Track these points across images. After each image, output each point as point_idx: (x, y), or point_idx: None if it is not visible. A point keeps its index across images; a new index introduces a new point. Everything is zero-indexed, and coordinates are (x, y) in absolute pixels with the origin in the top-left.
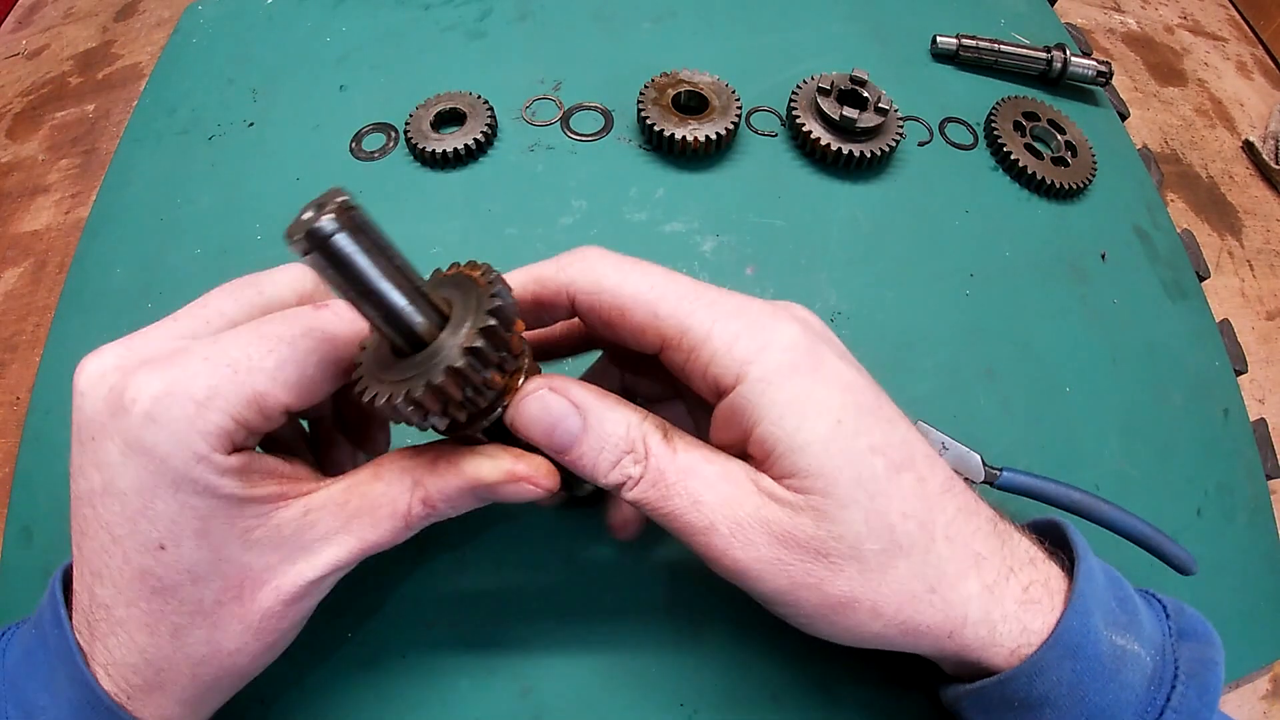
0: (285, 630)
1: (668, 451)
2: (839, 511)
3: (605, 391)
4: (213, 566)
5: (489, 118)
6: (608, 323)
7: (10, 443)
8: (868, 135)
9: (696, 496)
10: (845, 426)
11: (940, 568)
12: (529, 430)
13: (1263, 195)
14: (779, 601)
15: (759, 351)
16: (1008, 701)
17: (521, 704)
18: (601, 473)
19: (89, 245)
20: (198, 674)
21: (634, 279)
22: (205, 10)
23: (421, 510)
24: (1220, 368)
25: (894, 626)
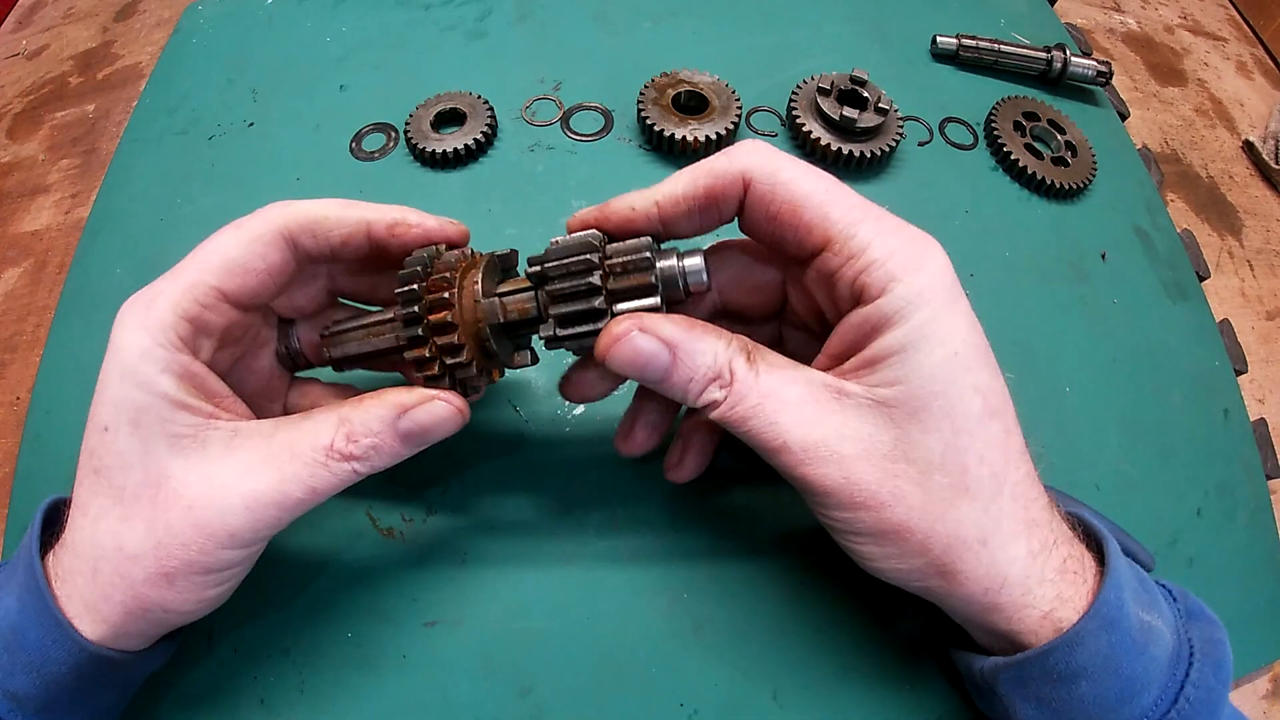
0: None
1: (750, 375)
2: (920, 435)
3: (694, 321)
4: (139, 457)
5: (489, 118)
6: (774, 216)
7: (10, 443)
8: (868, 135)
9: (773, 418)
10: (959, 359)
11: (998, 523)
12: (623, 370)
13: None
14: (837, 519)
15: (909, 271)
16: (1048, 673)
17: (521, 704)
18: (690, 399)
19: (89, 245)
20: (98, 570)
21: (810, 178)
22: (205, 10)
23: (344, 445)
24: (1220, 368)
25: (935, 567)
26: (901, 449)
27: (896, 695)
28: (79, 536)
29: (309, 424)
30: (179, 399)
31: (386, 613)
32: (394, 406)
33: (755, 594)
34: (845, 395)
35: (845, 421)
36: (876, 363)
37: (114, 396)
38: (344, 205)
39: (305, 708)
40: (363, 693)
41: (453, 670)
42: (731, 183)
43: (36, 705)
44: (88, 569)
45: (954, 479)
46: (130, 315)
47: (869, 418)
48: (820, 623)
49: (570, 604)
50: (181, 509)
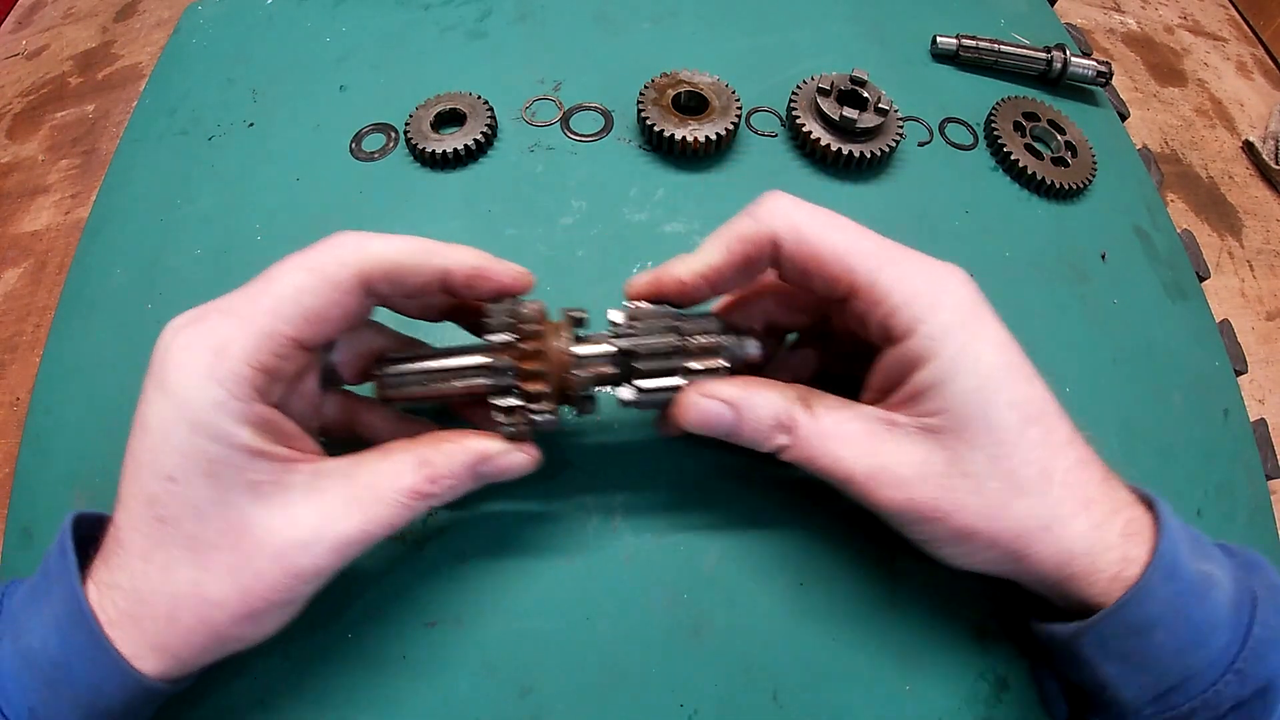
0: (271, 603)
1: (810, 419)
2: (967, 452)
3: (751, 380)
4: (216, 508)
5: (489, 118)
6: (803, 270)
7: (10, 443)
8: (868, 135)
9: (837, 454)
10: (990, 382)
11: (1055, 509)
12: (698, 429)
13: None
14: (911, 531)
15: (932, 310)
16: (1125, 628)
17: (521, 704)
18: (761, 445)
19: (89, 245)
20: (174, 614)
21: (831, 231)
22: (205, 10)
23: (426, 486)
24: (1220, 368)
25: (1009, 557)
26: (954, 466)
27: (896, 695)
28: (143, 584)
29: (389, 465)
30: (258, 448)
31: (386, 613)
32: (475, 453)
33: (755, 594)
34: (896, 425)
35: (900, 448)
36: (917, 396)
37: (182, 447)
38: (424, 252)
39: (305, 708)
40: (363, 693)
41: (453, 670)
42: (762, 246)
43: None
44: (161, 615)
45: (1005, 483)
46: (194, 360)
47: (920, 443)
48: (820, 623)
49: (570, 604)
50: (269, 556)
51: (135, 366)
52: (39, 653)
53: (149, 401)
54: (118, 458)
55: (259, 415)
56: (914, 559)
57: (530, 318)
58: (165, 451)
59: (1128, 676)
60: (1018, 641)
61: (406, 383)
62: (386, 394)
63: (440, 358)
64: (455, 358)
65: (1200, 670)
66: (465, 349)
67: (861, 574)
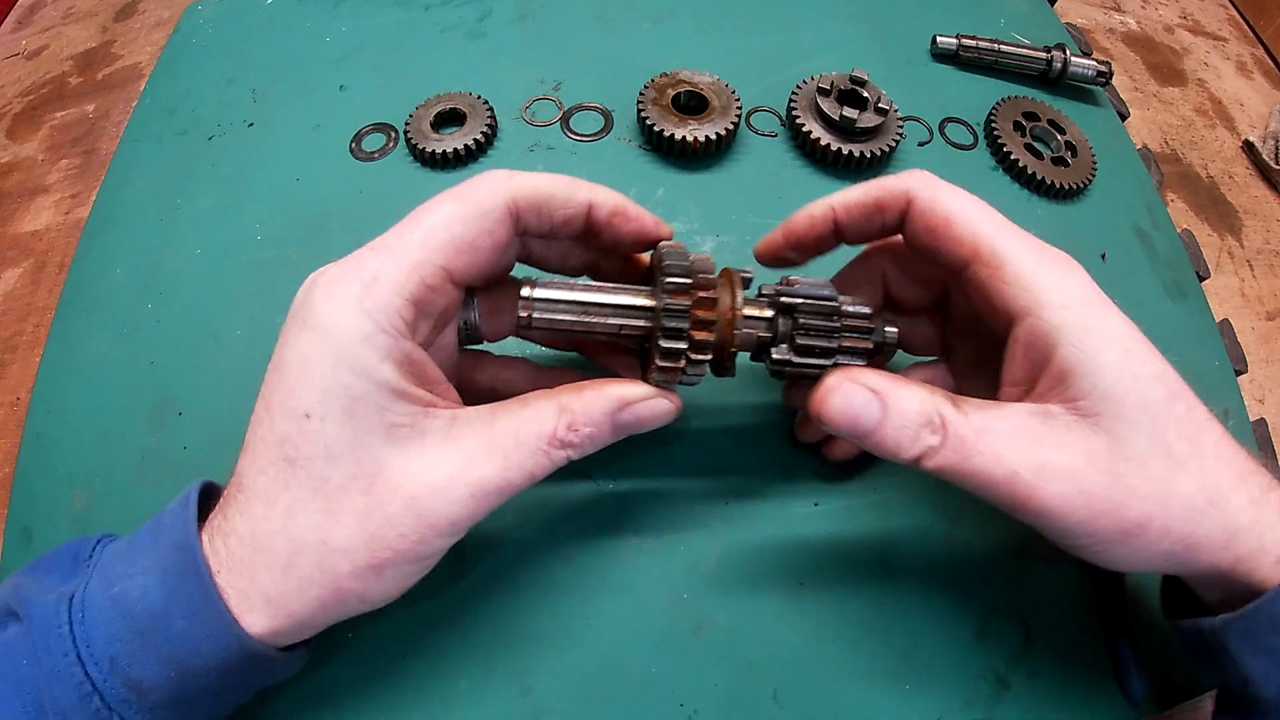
0: (400, 554)
1: (961, 417)
2: (1128, 433)
3: (895, 375)
4: (350, 449)
5: (489, 118)
6: (931, 229)
7: (10, 443)
8: (868, 135)
9: (996, 450)
10: (1133, 355)
11: (1215, 482)
12: (835, 421)
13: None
14: (1080, 533)
15: (1059, 282)
16: (1275, 621)
17: (521, 704)
18: (904, 449)
19: (89, 245)
20: (293, 563)
21: (963, 199)
22: (205, 10)
23: (566, 434)
24: (1220, 368)
25: (1180, 543)
26: (1117, 450)
27: (896, 695)
28: (263, 528)
29: (530, 411)
30: (401, 388)
31: (386, 613)
32: (616, 399)
33: (755, 594)
34: (1051, 416)
35: (1061, 439)
36: (1064, 380)
37: (323, 382)
38: (570, 184)
39: (305, 707)
40: (363, 692)
41: (452, 669)
42: (897, 196)
43: (160, 698)
44: (278, 563)
45: (1166, 461)
46: (343, 293)
47: (1079, 430)
48: (820, 623)
49: (570, 604)
50: (402, 501)
51: (135, 366)
52: (135, 600)
53: (288, 343)
54: (118, 457)
55: (405, 353)
56: (914, 559)
57: (707, 267)
58: (303, 388)
59: (1273, 671)
60: (1018, 641)
61: (558, 309)
62: (533, 317)
63: (589, 290)
64: (614, 294)
65: None
66: (622, 288)
67: (861, 574)
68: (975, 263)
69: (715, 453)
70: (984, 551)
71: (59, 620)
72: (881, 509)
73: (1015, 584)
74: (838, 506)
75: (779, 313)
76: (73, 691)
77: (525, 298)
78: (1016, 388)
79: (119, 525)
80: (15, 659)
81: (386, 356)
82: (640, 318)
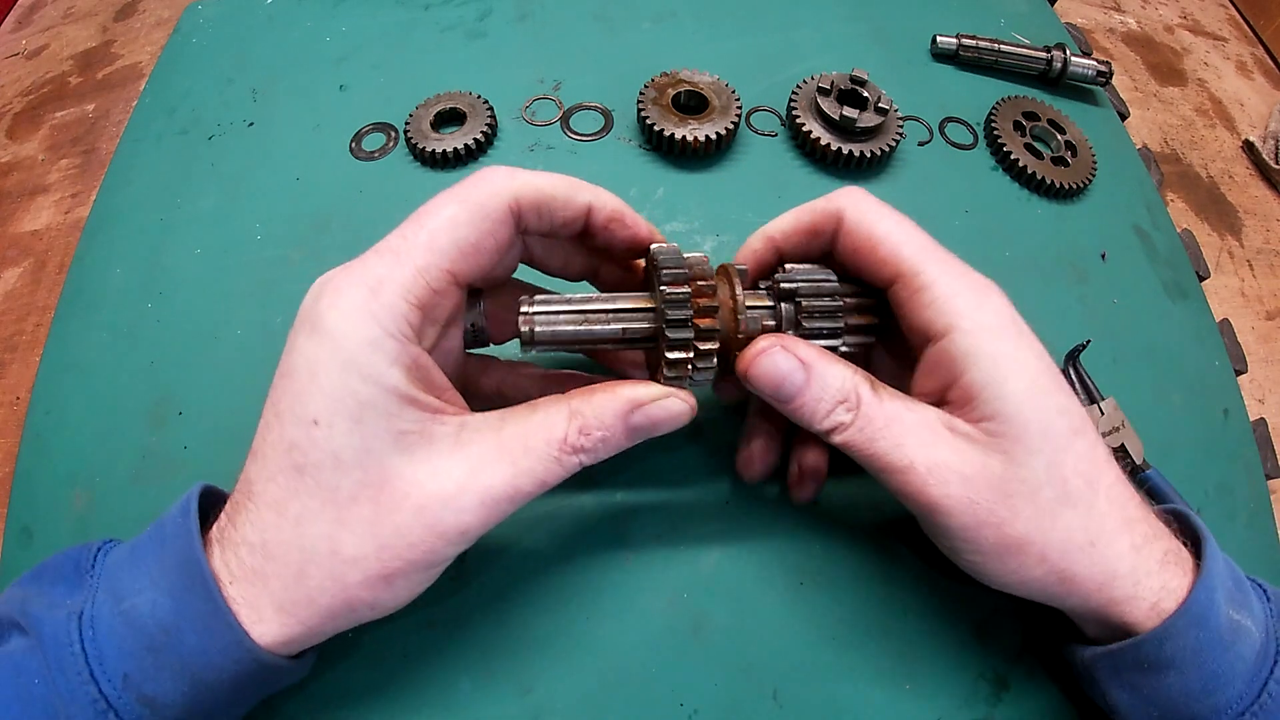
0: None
1: (875, 401)
2: (1026, 457)
3: (824, 350)
4: (359, 456)
5: (489, 118)
6: (857, 249)
7: (10, 443)
8: (868, 135)
9: (899, 440)
10: (1039, 386)
11: (1100, 524)
12: (760, 382)
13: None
14: (961, 538)
15: (974, 309)
16: (1139, 663)
17: (521, 704)
18: (818, 419)
19: (89, 245)
20: (304, 572)
21: (889, 221)
22: (205, 10)
23: (578, 439)
24: (1220, 368)
25: (1054, 574)
26: (1011, 471)
27: (897, 695)
28: (274, 538)
29: (540, 416)
30: (409, 394)
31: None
32: (628, 401)
33: (755, 594)
34: (955, 430)
35: (960, 448)
36: (970, 399)
37: (331, 388)
38: (571, 185)
39: (305, 707)
40: (363, 693)
41: (453, 670)
42: (828, 217)
43: (174, 713)
44: (289, 572)
45: (1057, 492)
46: (350, 299)
47: (978, 447)
48: (820, 623)
49: (570, 604)
50: (411, 510)
51: (135, 366)
52: (146, 616)
53: (296, 348)
54: (118, 457)
55: (412, 358)
56: (914, 559)
57: (703, 265)
58: (311, 394)
59: (1136, 707)
60: (1018, 641)
61: (559, 320)
62: (535, 331)
63: (588, 301)
64: (614, 300)
65: (1206, 716)
66: (621, 295)
67: (861, 574)
68: (897, 283)
69: (715, 453)
70: None
71: (70, 639)
72: (881, 509)
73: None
74: (838, 506)
75: (780, 299)
76: (87, 709)
77: (525, 313)
78: (928, 399)
79: (119, 525)
80: (27, 677)
81: (394, 362)
82: (642, 319)
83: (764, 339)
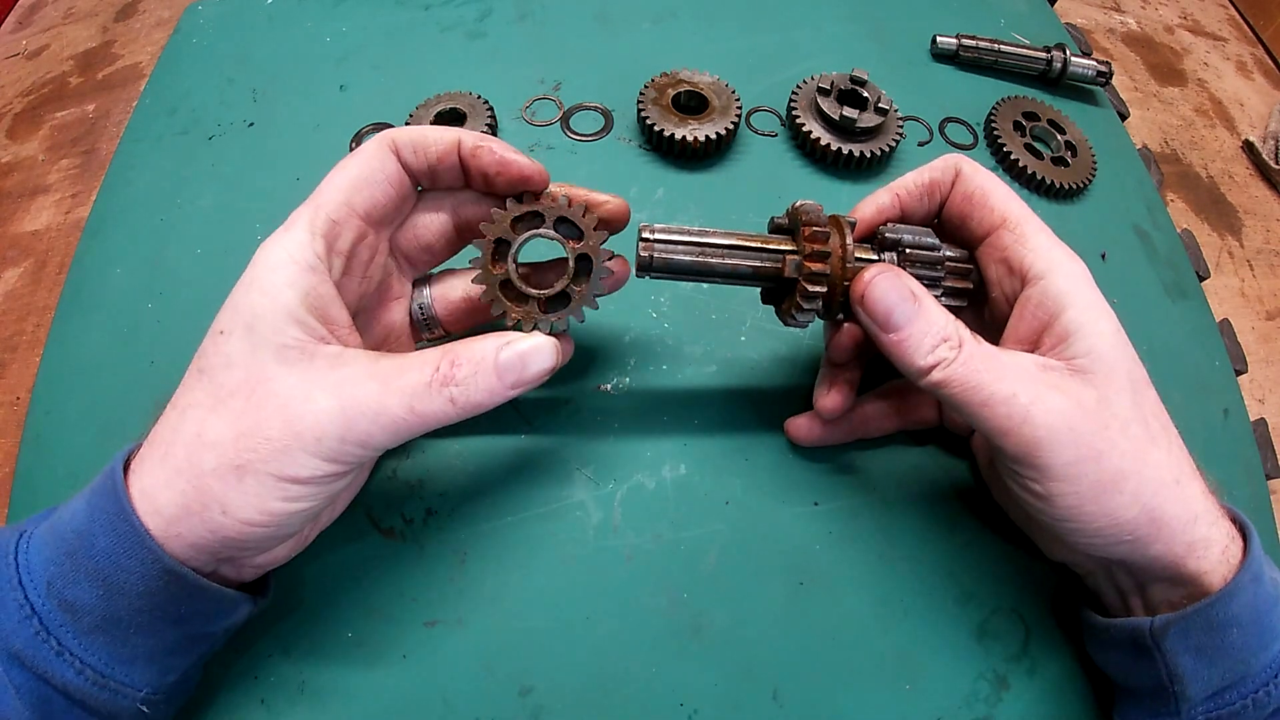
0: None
1: (974, 342)
2: (1115, 395)
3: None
4: (244, 359)
5: (489, 118)
6: (969, 195)
7: (10, 443)
8: (868, 135)
9: (1001, 374)
10: (1121, 336)
11: (1180, 464)
12: (874, 305)
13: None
14: (1061, 476)
15: (1068, 260)
16: (1209, 623)
17: (521, 704)
18: (922, 354)
19: (89, 245)
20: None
21: (995, 180)
22: (205, 10)
23: (450, 370)
24: (1220, 368)
25: (1146, 513)
26: (1105, 406)
27: (896, 695)
28: (161, 427)
29: (416, 355)
30: (296, 314)
31: (386, 613)
32: (498, 337)
33: (755, 594)
34: (1050, 368)
35: (1059, 384)
36: (1066, 338)
37: (236, 303)
38: (440, 129)
39: (305, 708)
40: (363, 693)
41: (453, 670)
42: (946, 170)
43: (95, 620)
44: (158, 453)
45: (1144, 430)
46: (272, 237)
47: (1074, 383)
48: (820, 623)
49: (570, 604)
50: (274, 405)
51: (135, 366)
52: (65, 523)
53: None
54: None
55: (310, 285)
56: (914, 559)
57: (816, 213)
58: (225, 309)
59: (1199, 670)
60: (1018, 641)
61: (676, 249)
62: (653, 254)
63: (705, 234)
64: (723, 236)
65: (1256, 671)
66: (731, 232)
67: (861, 574)
68: (1003, 228)
69: (715, 453)
70: (984, 552)
71: (6, 550)
72: (881, 509)
73: (1015, 584)
74: (838, 506)
75: (885, 249)
76: (14, 614)
77: (646, 239)
78: (1020, 345)
79: None
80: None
81: (290, 283)
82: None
83: (880, 264)
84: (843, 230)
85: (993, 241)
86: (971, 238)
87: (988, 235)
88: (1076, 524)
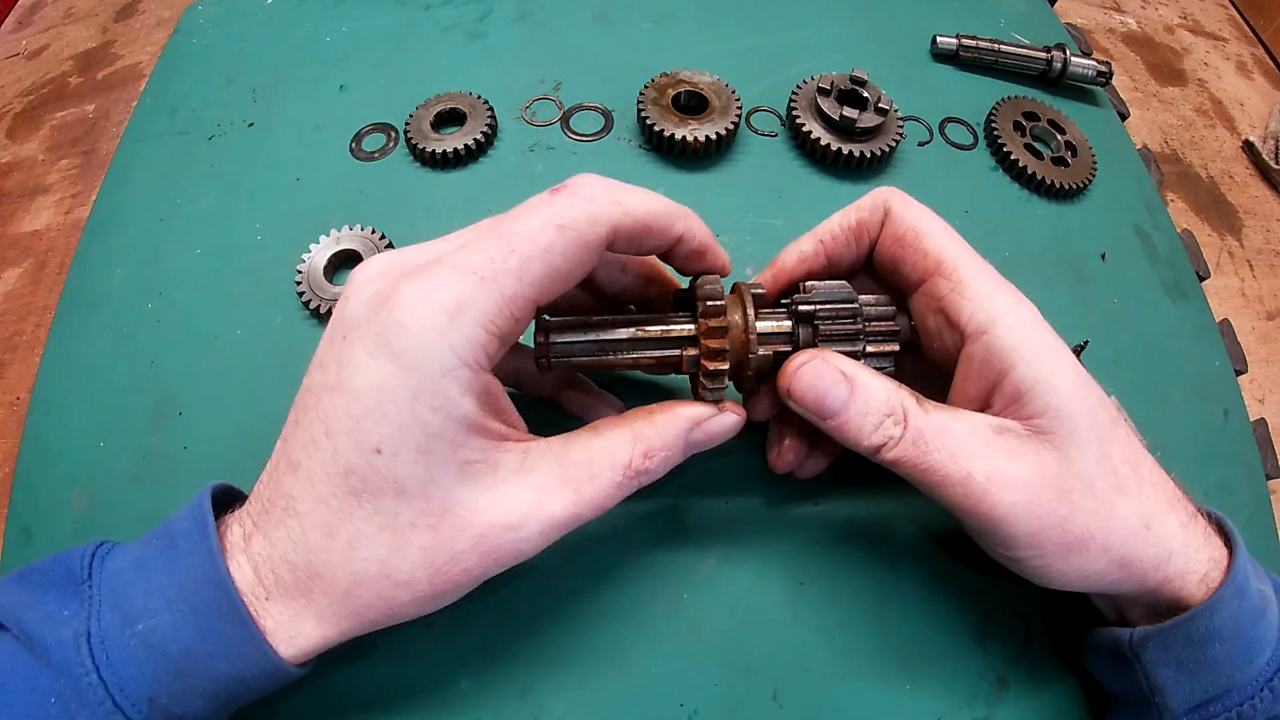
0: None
1: (922, 413)
2: (1078, 451)
3: (862, 364)
4: (422, 486)
5: (489, 118)
6: (900, 238)
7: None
8: (868, 135)
9: (953, 450)
10: (1081, 379)
11: (1151, 506)
12: (803, 396)
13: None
14: (1024, 544)
15: (1012, 307)
16: (1189, 637)
17: (521, 704)
18: (865, 435)
19: (89, 245)
20: (352, 593)
21: (930, 216)
22: (205, 10)
23: (643, 462)
24: (1220, 368)
25: (1116, 562)
26: (1066, 467)
27: (896, 695)
28: (320, 559)
29: (602, 442)
30: (479, 423)
31: None
32: (687, 420)
33: (755, 594)
34: (1006, 429)
35: (1015, 450)
36: (1019, 398)
37: (398, 417)
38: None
39: (305, 707)
40: (363, 692)
41: (453, 670)
42: (874, 209)
43: None
44: (337, 591)
45: (1110, 482)
46: (426, 321)
47: (1032, 445)
48: (820, 623)
49: (570, 604)
50: (470, 538)
51: (135, 366)
52: (168, 640)
53: (357, 364)
54: (118, 458)
55: (484, 385)
56: (914, 559)
57: (715, 293)
58: (375, 420)
59: (1180, 683)
60: (1018, 641)
61: (574, 351)
62: (551, 359)
63: (604, 328)
64: (622, 329)
65: (1242, 684)
66: (631, 320)
67: (861, 574)
68: (938, 275)
69: (715, 453)
70: (984, 552)
71: (83, 664)
72: (881, 509)
73: (1015, 584)
74: (838, 506)
75: (798, 322)
76: None
77: (540, 341)
78: (969, 405)
79: (119, 525)
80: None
81: (467, 391)
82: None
83: (803, 353)
84: (744, 305)
85: (928, 289)
86: (905, 284)
87: (922, 282)
88: (1046, 579)
